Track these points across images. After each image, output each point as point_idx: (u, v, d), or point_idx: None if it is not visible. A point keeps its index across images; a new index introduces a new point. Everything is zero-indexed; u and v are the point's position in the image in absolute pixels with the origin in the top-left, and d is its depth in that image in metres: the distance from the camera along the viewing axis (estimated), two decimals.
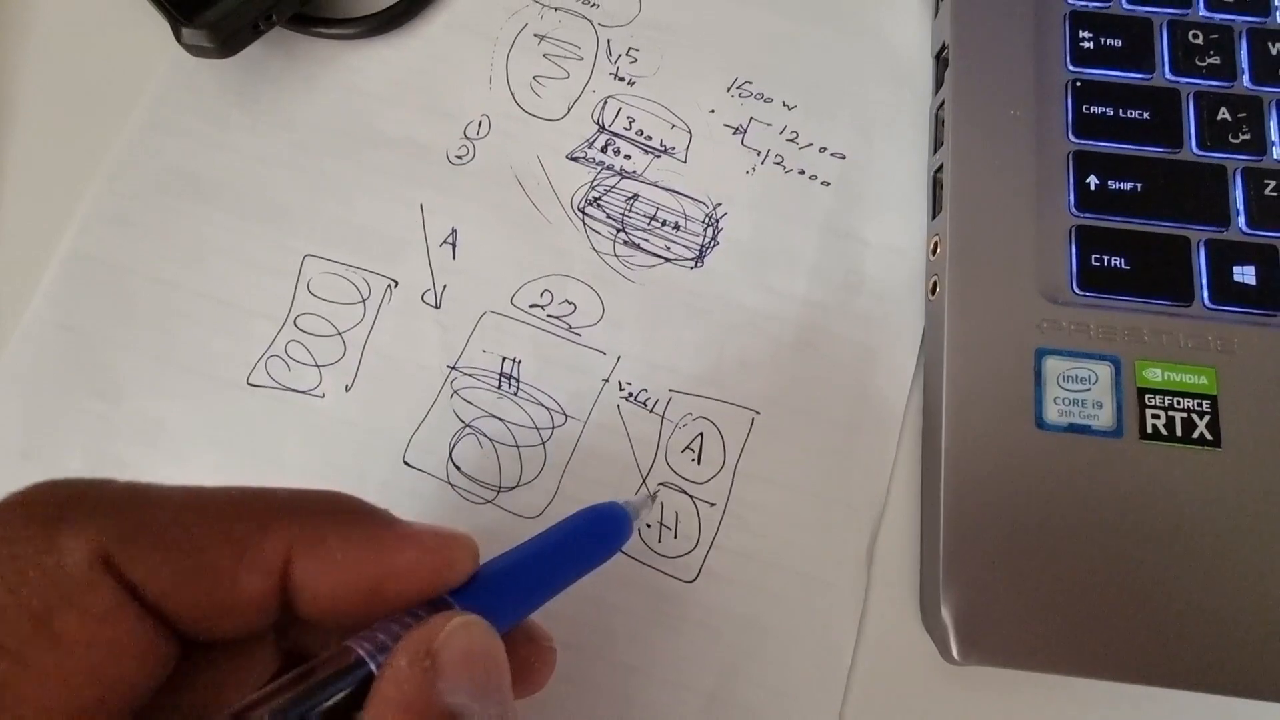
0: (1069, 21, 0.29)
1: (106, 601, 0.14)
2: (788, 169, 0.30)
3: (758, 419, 0.27)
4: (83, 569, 0.14)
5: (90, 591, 0.14)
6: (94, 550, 0.14)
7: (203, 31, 0.28)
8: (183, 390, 0.28)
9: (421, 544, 0.16)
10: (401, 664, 0.14)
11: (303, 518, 0.16)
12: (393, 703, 0.14)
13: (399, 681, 0.14)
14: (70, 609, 0.14)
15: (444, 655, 0.15)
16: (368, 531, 0.16)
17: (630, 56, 0.31)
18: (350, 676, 0.14)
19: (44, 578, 0.14)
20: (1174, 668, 0.23)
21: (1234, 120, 0.27)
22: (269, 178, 0.30)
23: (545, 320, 0.29)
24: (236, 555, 0.15)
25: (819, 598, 0.26)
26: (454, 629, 0.15)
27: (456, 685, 0.14)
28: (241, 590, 0.15)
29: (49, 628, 0.13)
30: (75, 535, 0.14)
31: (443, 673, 0.14)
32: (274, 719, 0.13)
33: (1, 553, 0.14)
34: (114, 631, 0.14)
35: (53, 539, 0.14)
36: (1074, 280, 0.26)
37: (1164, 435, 0.25)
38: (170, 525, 0.15)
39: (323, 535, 0.16)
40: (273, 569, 0.15)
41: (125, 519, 0.15)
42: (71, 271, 0.29)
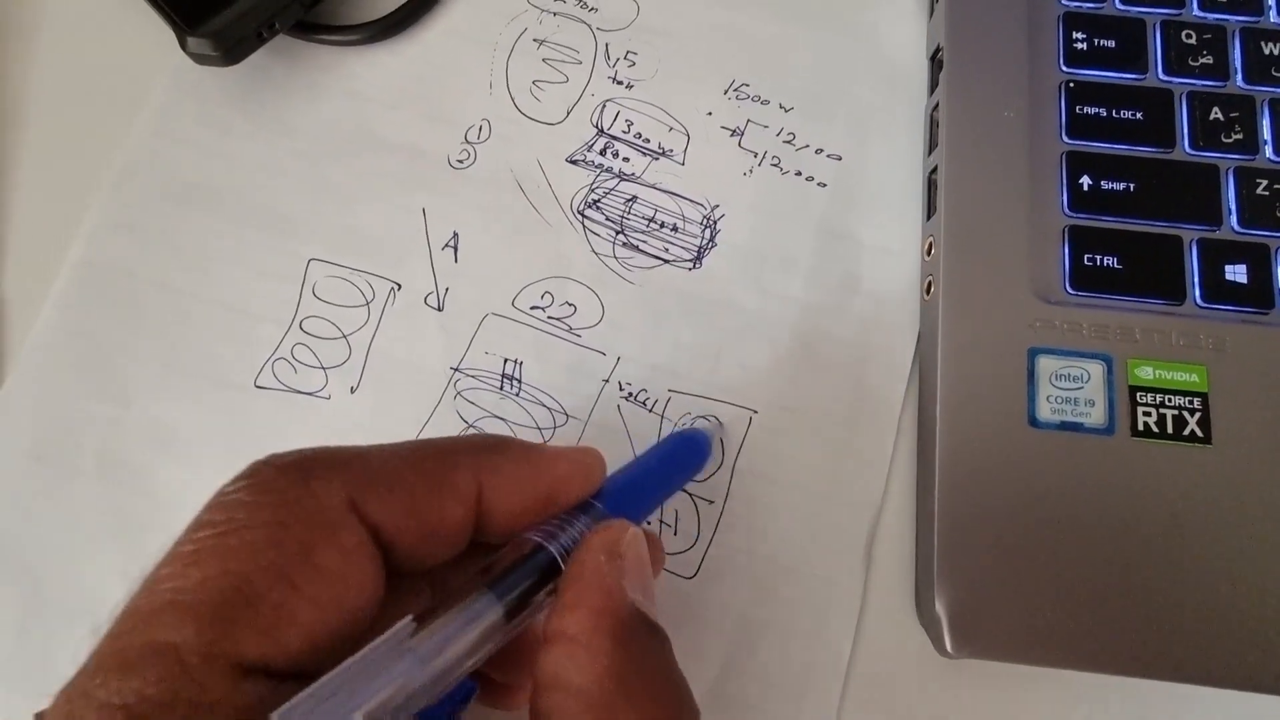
0: (1062, 22, 0.29)
1: (355, 539, 0.16)
2: (785, 170, 0.31)
3: (756, 418, 0.28)
4: (337, 510, 0.16)
5: (343, 530, 0.16)
6: (343, 494, 0.16)
7: (207, 40, 0.28)
8: (191, 393, 0.28)
9: (570, 458, 0.19)
10: (600, 558, 0.17)
11: (478, 454, 0.18)
12: (594, 589, 0.16)
13: (599, 572, 0.17)
14: (328, 545, 0.16)
15: (629, 557, 0.17)
16: (530, 455, 0.19)
17: (628, 60, 0.32)
18: (535, 560, 0.17)
19: (306, 518, 0.16)
20: (1165, 661, 0.23)
21: (1226, 120, 0.28)
22: (273, 184, 0.30)
23: (546, 322, 0.29)
24: (441, 488, 0.17)
25: (817, 594, 0.26)
26: (631, 536, 0.18)
27: (633, 585, 0.17)
28: (449, 517, 0.18)
29: (312, 560, 0.15)
30: (326, 484, 0.16)
31: (627, 573, 0.17)
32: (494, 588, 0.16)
33: (267, 498, 0.16)
34: (360, 566, 0.16)
35: (309, 487, 0.16)
36: (1067, 280, 0.27)
37: (1155, 432, 0.25)
38: (389, 472, 0.17)
39: (498, 464, 0.18)
40: (468, 496, 0.18)
41: (358, 469, 0.17)
42: (81, 278, 0.29)
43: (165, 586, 0.15)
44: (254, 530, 0.15)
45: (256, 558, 0.15)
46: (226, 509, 0.16)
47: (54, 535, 0.27)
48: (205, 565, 0.15)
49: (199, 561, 0.15)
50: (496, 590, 0.16)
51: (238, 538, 0.15)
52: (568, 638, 0.16)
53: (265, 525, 0.15)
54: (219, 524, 0.15)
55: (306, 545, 0.15)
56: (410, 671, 0.14)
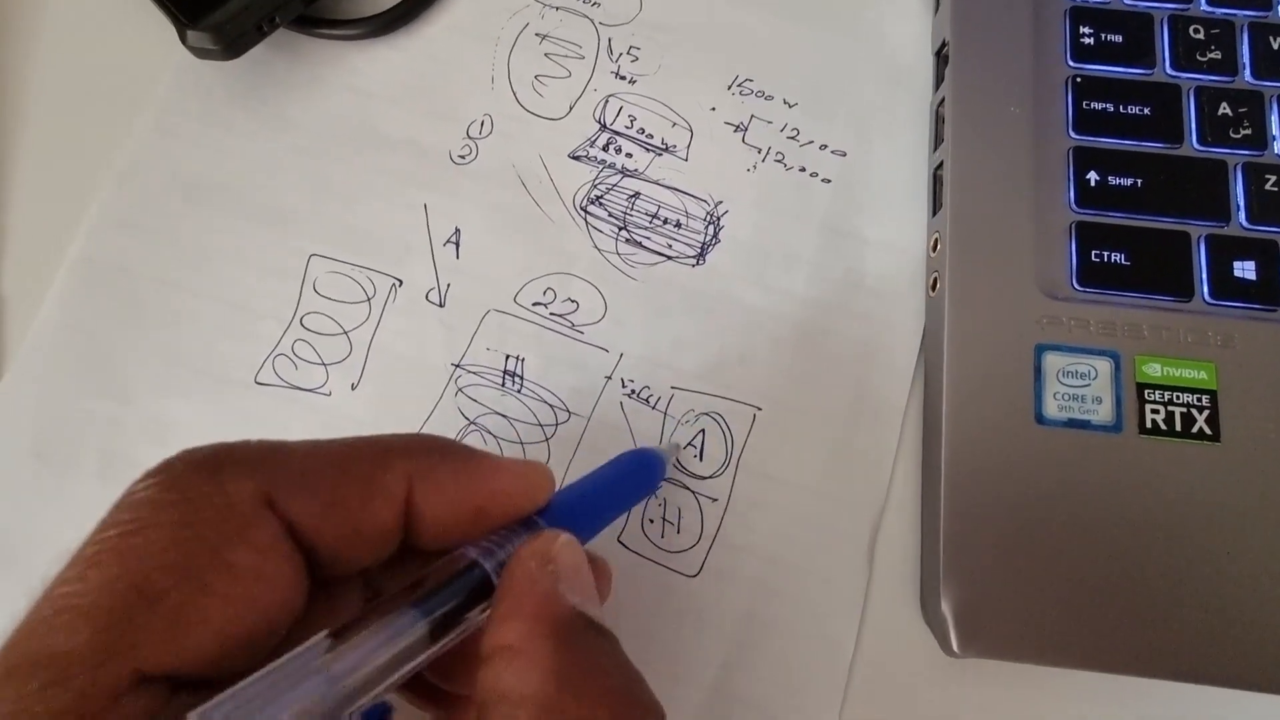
0: (1069, 17, 0.29)
1: (269, 536, 0.15)
2: (788, 166, 0.30)
3: (759, 415, 0.28)
4: (249, 507, 0.15)
5: (256, 527, 0.15)
6: (257, 490, 0.16)
7: (207, 34, 0.28)
8: (192, 390, 0.28)
9: (513, 470, 0.18)
10: (531, 565, 0.16)
11: (414, 455, 0.18)
12: (529, 596, 0.16)
13: (531, 578, 0.16)
14: (240, 542, 0.15)
15: (561, 562, 0.17)
16: (469, 462, 0.18)
17: (631, 55, 0.32)
18: (468, 576, 0.16)
19: (217, 515, 0.15)
20: (1172, 660, 0.23)
21: (1235, 115, 0.27)
22: (274, 179, 0.30)
23: (548, 318, 0.29)
24: (367, 489, 0.17)
25: (820, 592, 0.26)
26: (564, 543, 0.17)
27: (571, 589, 0.16)
28: (374, 518, 0.17)
29: (223, 558, 0.15)
30: (239, 479, 0.16)
31: (562, 578, 0.16)
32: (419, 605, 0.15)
33: (176, 495, 0.15)
34: (275, 564, 0.15)
35: (220, 483, 0.15)
36: (1074, 276, 0.26)
37: (1163, 430, 0.25)
38: (311, 468, 0.17)
39: (434, 467, 0.17)
40: (396, 499, 0.17)
41: (275, 464, 0.16)
42: (81, 275, 0.29)
43: (62, 590, 0.14)
44: (159, 529, 0.15)
45: (160, 557, 0.14)
46: (133, 508, 0.15)
47: (54, 532, 0.27)
48: (105, 567, 0.14)
49: (99, 563, 0.14)
50: (422, 608, 0.15)
51: (142, 537, 0.15)
52: (506, 648, 0.15)
53: (171, 524, 0.15)
54: (124, 523, 0.15)
55: (217, 543, 0.15)
56: (320, 690, 0.13)
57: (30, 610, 0.14)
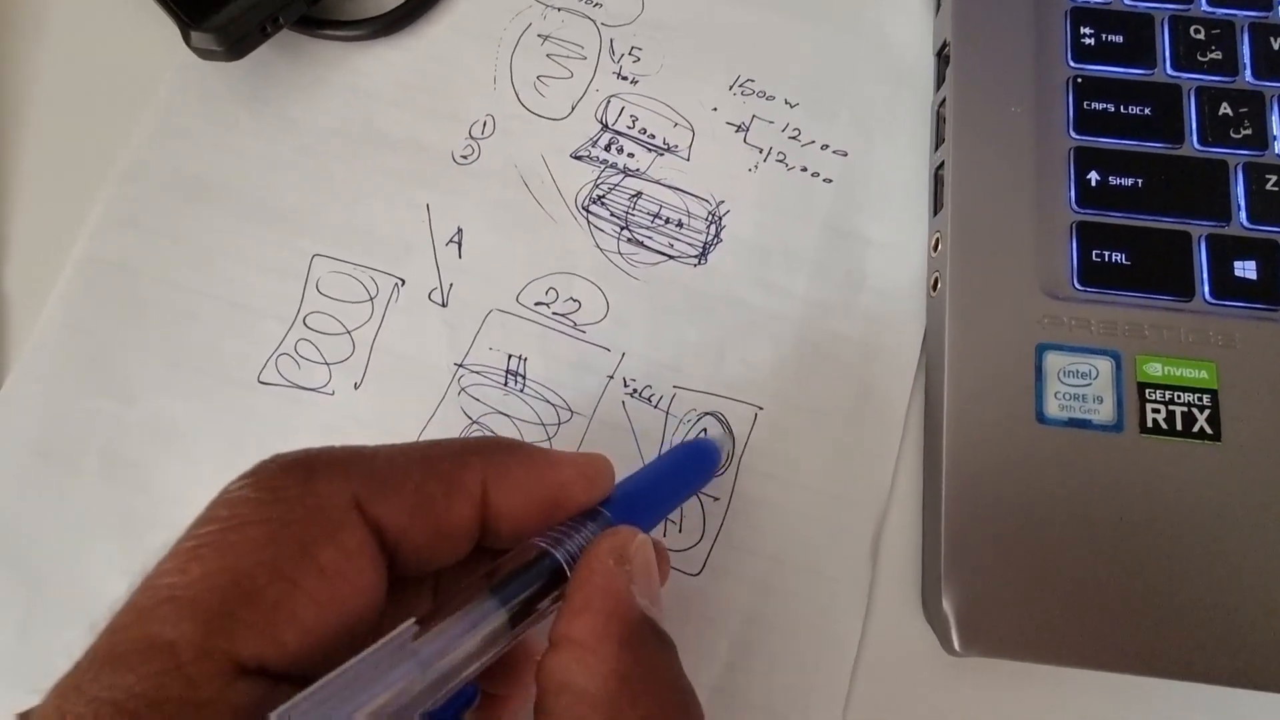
0: (1070, 18, 0.29)
1: (358, 539, 0.16)
2: (790, 166, 0.30)
3: (761, 415, 0.28)
4: (340, 510, 0.16)
5: (346, 529, 0.16)
6: (347, 494, 0.16)
7: (211, 35, 0.28)
8: (195, 389, 0.28)
9: (578, 463, 0.19)
10: (609, 562, 0.17)
11: (486, 454, 0.18)
12: (603, 593, 0.16)
13: (609, 576, 0.17)
14: (330, 543, 0.15)
15: (636, 562, 0.17)
16: (536, 457, 0.19)
17: (633, 55, 0.32)
18: (541, 566, 0.17)
19: (309, 516, 0.16)
20: (1174, 659, 0.23)
21: (1235, 115, 0.27)
22: (277, 179, 0.30)
23: (551, 318, 0.29)
24: (449, 489, 0.17)
25: (823, 591, 0.26)
26: (640, 543, 0.18)
27: (641, 590, 0.17)
28: (456, 517, 0.17)
29: (313, 558, 0.15)
30: (329, 482, 0.16)
31: (635, 578, 0.17)
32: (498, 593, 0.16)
33: (271, 495, 0.16)
34: (361, 566, 0.16)
35: (312, 485, 0.16)
36: (1075, 276, 0.26)
37: (1164, 429, 0.25)
38: (394, 471, 0.17)
39: (506, 464, 0.18)
40: (475, 497, 0.18)
41: (363, 468, 0.17)
42: (85, 274, 0.29)
43: (164, 582, 0.15)
44: (256, 526, 0.15)
45: (257, 554, 0.15)
46: (230, 505, 0.16)
47: (57, 532, 0.27)
48: (206, 561, 0.15)
49: (200, 557, 0.15)
50: (501, 595, 0.16)
51: (239, 534, 0.15)
52: (575, 641, 0.16)
53: (267, 522, 0.15)
54: (222, 520, 0.15)
55: (308, 543, 0.15)
56: (411, 675, 0.14)
57: (131, 599, 0.15)
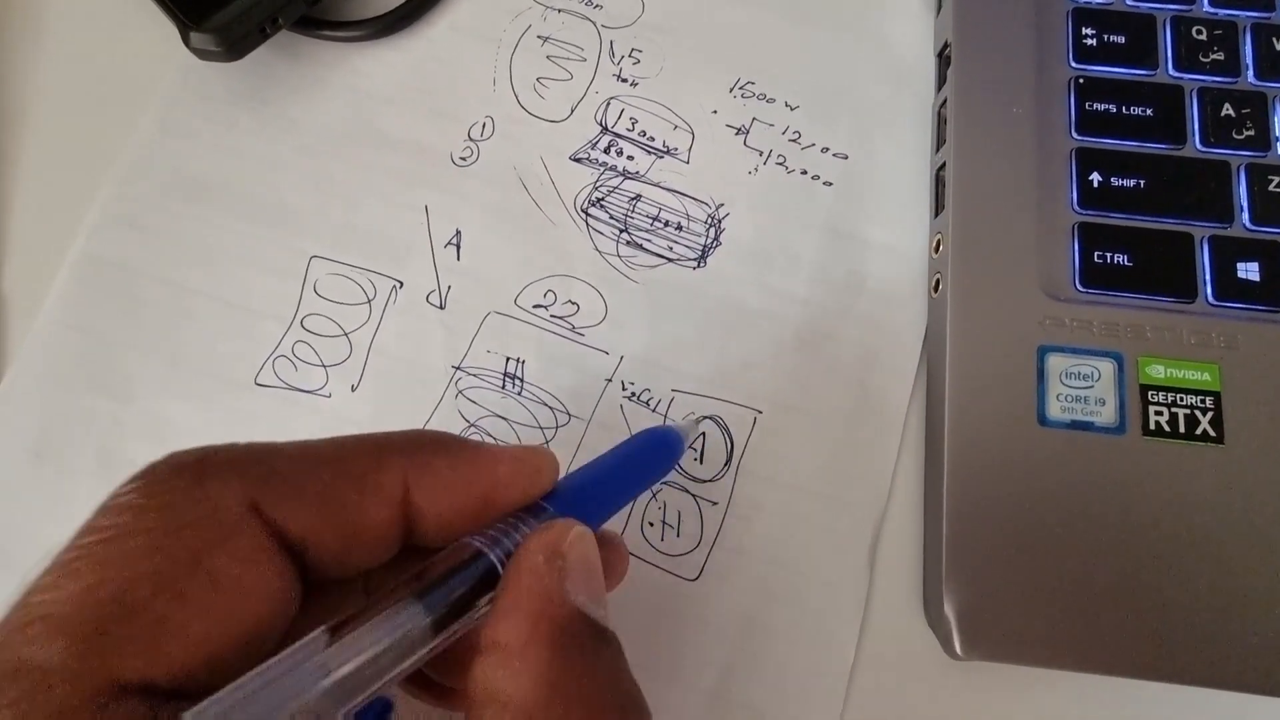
0: (1071, 18, 0.29)
1: (254, 544, 0.15)
2: (790, 169, 0.30)
3: (760, 418, 0.28)
4: (233, 513, 0.15)
5: (240, 534, 0.15)
6: (240, 497, 0.15)
7: (210, 35, 0.28)
8: (192, 390, 0.28)
9: (514, 457, 0.18)
10: (538, 559, 0.16)
11: (408, 450, 0.17)
12: (531, 593, 0.15)
13: (537, 574, 0.16)
14: (222, 550, 0.15)
15: (570, 558, 0.16)
16: (466, 453, 0.18)
17: (633, 58, 0.32)
18: (473, 566, 0.16)
19: (199, 521, 0.15)
20: (1176, 663, 0.23)
21: (1238, 116, 0.27)
22: (276, 180, 0.30)
23: (549, 320, 0.29)
24: (360, 489, 0.16)
25: (821, 596, 0.26)
26: (576, 536, 0.16)
27: (577, 587, 0.16)
28: (369, 520, 0.16)
29: (204, 567, 0.14)
30: (222, 484, 0.15)
31: (569, 575, 0.16)
32: (422, 598, 0.15)
33: (158, 501, 0.15)
34: (260, 572, 0.15)
35: (204, 488, 0.15)
36: (1077, 277, 0.26)
37: (1167, 432, 0.25)
38: (300, 470, 0.16)
39: (430, 462, 0.17)
40: (393, 498, 0.16)
41: (263, 468, 0.16)
42: (83, 274, 0.29)
43: (37, 599, 0.14)
44: (139, 536, 0.14)
45: (139, 565, 0.14)
46: (113, 513, 0.15)
47: (53, 532, 0.27)
48: (82, 575, 0.14)
49: (75, 572, 0.14)
50: (425, 600, 0.15)
51: (120, 545, 0.14)
52: (501, 646, 0.15)
53: (151, 531, 0.14)
54: (102, 530, 0.14)
55: (197, 552, 0.14)
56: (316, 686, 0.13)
57: (5, 619, 0.14)
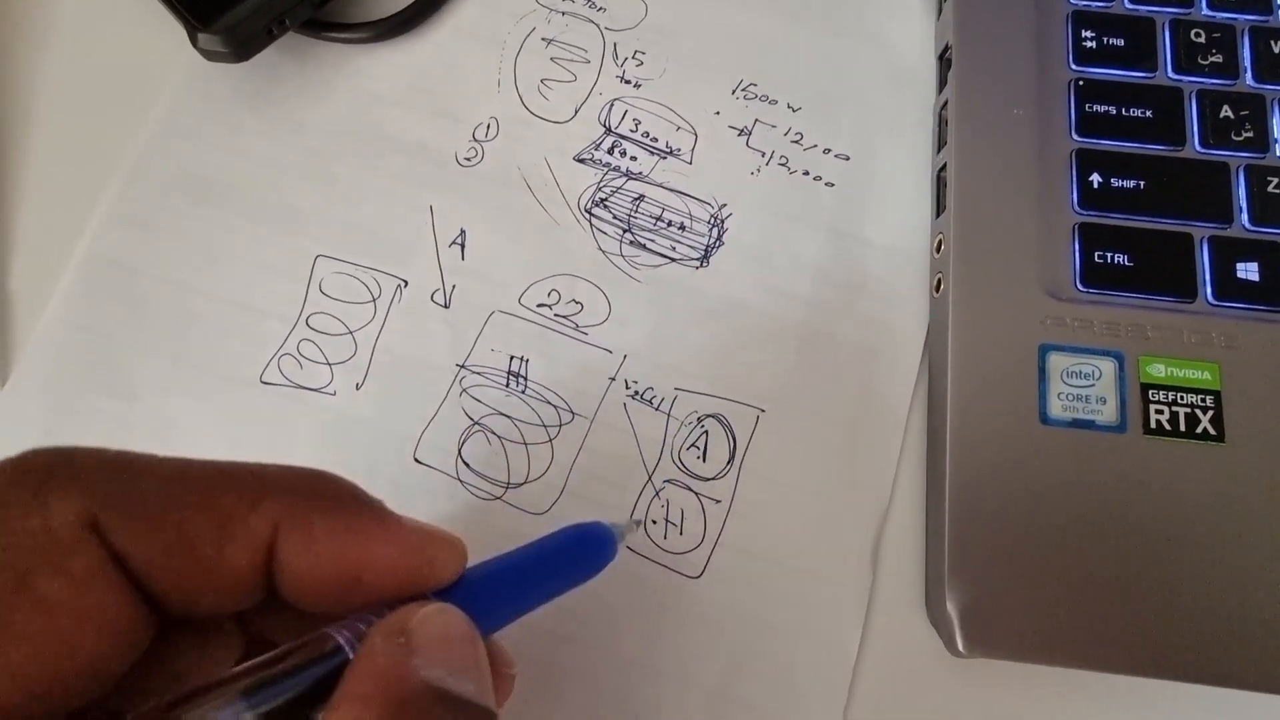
0: (1071, 21, 0.29)
1: (90, 567, 0.14)
2: (792, 170, 0.30)
3: (763, 417, 0.28)
4: (69, 532, 0.14)
5: (75, 555, 0.14)
6: (81, 514, 0.14)
7: (218, 37, 0.29)
8: (197, 389, 0.28)
9: (406, 541, 0.16)
10: (376, 641, 0.14)
11: (291, 497, 0.15)
12: (369, 675, 0.14)
13: (374, 655, 0.14)
14: (53, 572, 0.13)
15: (419, 634, 0.14)
16: (354, 520, 0.16)
17: (636, 59, 0.32)
18: (327, 662, 0.14)
19: (29, 539, 0.13)
20: (1178, 661, 0.23)
21: (1236, 118, 0.28)
22: (281, 180, 0.30)
23: (553, 319, 0.29)
24: (221, 528, 0.15)
25: (823, 594, 0.26)
26: (429, 612, 0.15)
27: (431, 661, 0.14)
28: (225, 564, 0.15)
29: (31, 589, 0.13)
30: (63, 499, 0.14)
31: (418, 650, 0.14)
32: (250, 697, 0.13)
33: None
34: (95, 598, 0.14)
35: (41, 502, 0.14)
36: (1078, 277, 0.26)
37: (1168, 430, 0.25)
38: (158, 495, 0.15)
39: (308, 516, 0.15)
40: (257, 544, 0.15)
41: (114, 485, 0.14)
42: (89, 274, 0.29)
43: None
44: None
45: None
46: None
47: None
48: None
49: None
50: (252, 699, 0.13)
51: None
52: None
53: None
54: None
55: (25, 572, 0.13)
56: None
57: None
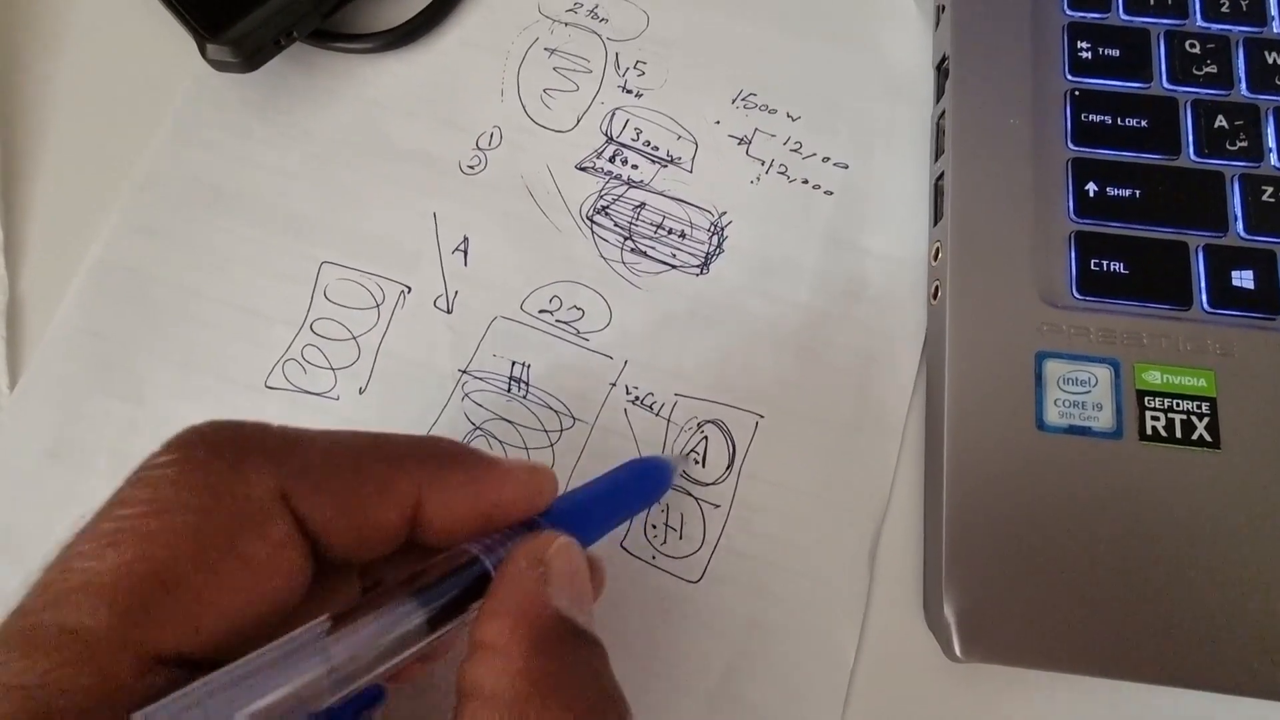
0: (1067, 32, 0.29)
1: (284, 530, 0.16)
2: (791, 179, 0.31)
3: (762, 422, 0.28)
4: (267, 501, 0.16)
5: (272, 521, 0.16)
6: (274, 486, 0.16)
7: (227, 47, 0.29)
8: (204, 392, 0.29)
9: (518, 478, 0.19)
10: (522, 565, 0.17)
11: (427, 460, 0.18)
12: (514, 596, 0.16)
13: (520, 579, 0.17)
14: (255, 534, 0.16)
15: (554, 566, 0.17)
16: (477, 471, 0.19)
17: (638, 69, 0.32)
18: (468, 572, 0.17)
19: (235, 505, 0.15)
20: (1174, 666, 0.23)
21: (1231, 128, 0.28)
22: (288, 188, 0.31)
23: (554, 325, 0.29)
24: (380, 492, 0.17)
25: (822, 598, 0.26)
26: (560, 546, 0.18)
27: (561, 592, 0.17)
28: (383, 520, 0.17)
29: (238, 550, 0.15)
30: (258, 472, 0.16)
31: (552, 580, 0.17)
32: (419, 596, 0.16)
33: (195, 480, 0.15)
34: (287, 556, 0.16)
35: (241, 473, 0.16)
36: (1074, 285, 0.27)
37: (1163, 437, 0.25)
38: (327, 466, 0.17)
39: (444, 475, 0.18)
40: (407, 503, 0.17)
41: (294, 459, 0.17)
42: (99, 279, 0.30)
43: (80, 566, 0.14)
44: (177, 514, 0.15)
45: (178, 544, 0.15)
46: (153, 486, 0.15)
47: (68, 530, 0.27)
48: (123, 549, 0.14)
49: (117, 543, 0.15)
50: (421, 598, 0.16)
51: (160, 521, 0.15)
52: (485, 645, 0.16)
53: (190, 509, 0.15)
54: (143, 503, 0.15)
55: (232, 534, 0.15)
56: (317, 671, 0.14)
57: (46, 579, 0.14)
